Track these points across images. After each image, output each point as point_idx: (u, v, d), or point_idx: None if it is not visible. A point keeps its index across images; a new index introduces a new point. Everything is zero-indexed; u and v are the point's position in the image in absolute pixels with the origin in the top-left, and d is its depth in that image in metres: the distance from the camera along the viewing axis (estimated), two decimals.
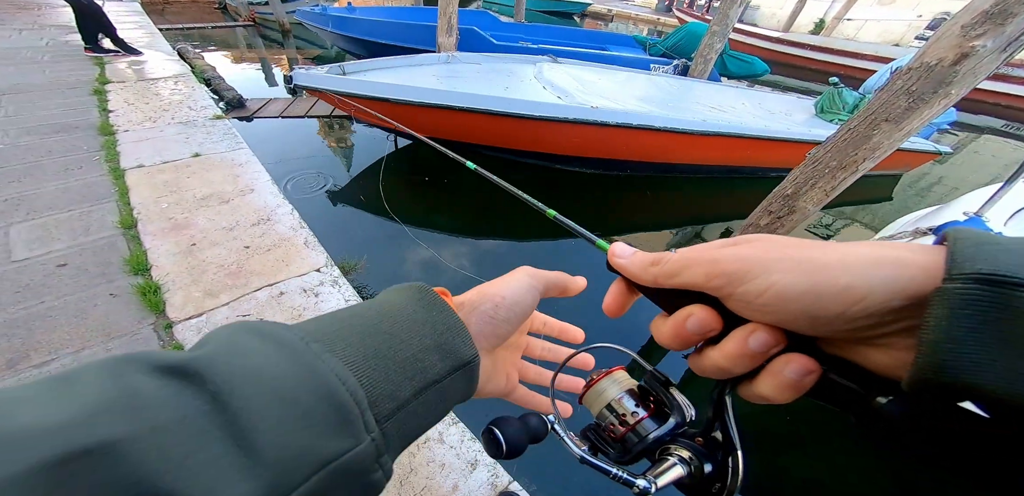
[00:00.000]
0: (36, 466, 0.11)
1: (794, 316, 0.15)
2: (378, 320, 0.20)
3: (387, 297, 0.23)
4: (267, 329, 0.18)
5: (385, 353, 0.19)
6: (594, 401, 0.25)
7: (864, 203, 3.69)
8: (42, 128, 2.46)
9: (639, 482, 0.20)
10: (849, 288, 0.14)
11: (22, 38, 4.28)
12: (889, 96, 1.40)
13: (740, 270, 0.16)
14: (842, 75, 4.15)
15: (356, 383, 0.17)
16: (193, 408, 0.14)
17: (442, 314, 0.22)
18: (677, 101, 3.48)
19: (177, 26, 7.25)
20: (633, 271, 0.21)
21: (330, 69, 2.93)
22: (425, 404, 0.20)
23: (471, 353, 0.22)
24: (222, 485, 0.13)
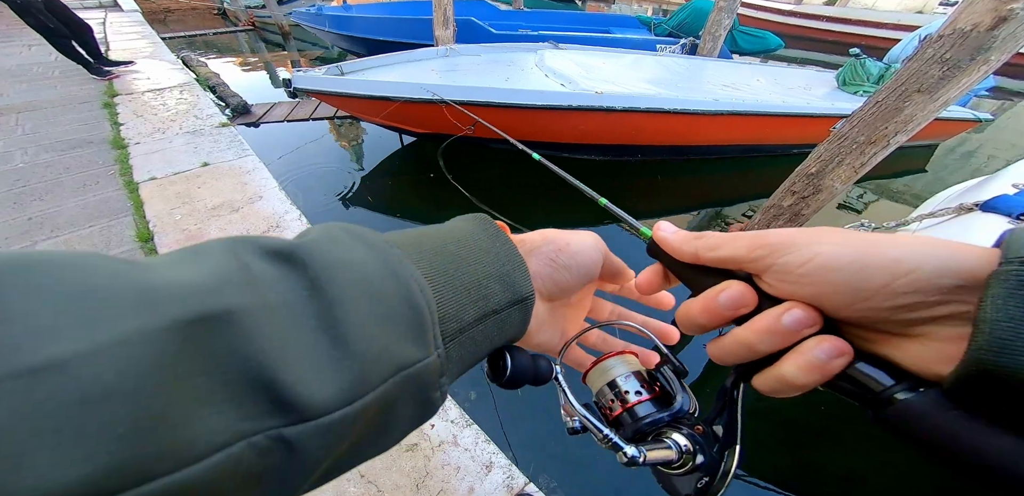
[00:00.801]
0: (174, 323, 0.11)
1: (835, 288, 0.15)
2: (446, 242, 0.20)
3: (453, 224, 0.23)
4: (357, 229, 0.18)
5: (453, 273, 0.19)
6: (597, 378, 0.25)
7: (897, 176, 3.48)
8: (59, 145, 2.53)
9: (628, 449, 0.20)
10: (899, 260, 0.14)
11: (32, 54, 4.39)
12: (920, 65, 1.30)
13: (785, 242, 0.16)
14: (863, 46, 3.88)
15: (431, 294, 0.17)
16: (295, 292, 0.14)
17: (504, 246, 0.22)
18: (687, 82, 3.32)
19: (180, 34, 7.32)
20: (675, 244, 0.21)
21: (328, 70, 2.91)
22: (483, 332, 0.19)
23: (529, 289, 0.21)
24: (313, 372, 0.13)
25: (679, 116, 2.71)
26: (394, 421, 0.16)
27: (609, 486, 1.37)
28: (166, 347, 0.10)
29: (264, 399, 0.12)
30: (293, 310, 0.14)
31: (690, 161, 3.39)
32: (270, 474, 0.12)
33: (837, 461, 1.48)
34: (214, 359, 0.11)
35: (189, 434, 0.10)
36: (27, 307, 0.09)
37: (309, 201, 2.73)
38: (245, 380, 0.12)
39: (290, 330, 0.13)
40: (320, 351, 0.13)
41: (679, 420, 0.21)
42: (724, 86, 3.27)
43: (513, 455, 1.20)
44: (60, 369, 0.09)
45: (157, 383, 0.10)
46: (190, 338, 0.11)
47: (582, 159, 3.21)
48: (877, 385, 0.15)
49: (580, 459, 1.44)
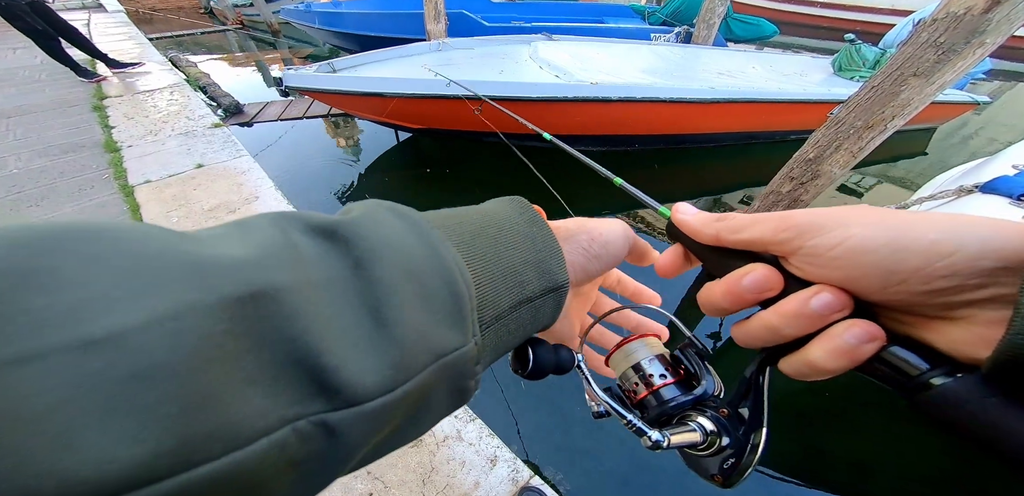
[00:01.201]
0: (224, 298, 0.10)
1: (867, 271, 0.14)
2: (485, 224, 0.19)
3: (491, 205, 0.22)
4: (400, 208, 0.18)
5: (491, 258, 0.18)
6: (620, 361, 0.24)
7: (897, 160, 3.48)
8: (52, 150, 2.50)
9: (652, 433, 0.19)
10: (936, 242, 0.13)
11: (17, 58, 4.32)
12: (915, 50, 1.30)
13: (814, 223, 0.15)
14: (858, 31, 3.86)
15: (471, 279, 0.16)
16: (338, 270, 0.14)
17: (542, 232, 0.21)
18: (682, 70, 3.30)
19: (167, 34, 7.21)
20: (695, 226, 0.20)
21: (319, 67, 2.87)
22: (518, 320, 0.19)
23: (564, 277, 0.20)
24: (355, 356, 0.12)
25: (675, 105, 2.70)
26: (430, 409, 0.16)
27: (616, 477, 1.38)
28: (216, 323, 0.10)
29: (309, 382, 0.11)
30: (337, 289, 0.13)
31: (687, 150, 3.38)
32: (311, 460, 0.12)
33: (846, 448, 1.48)
34: (262, 337, 0.11)
35: (237, 416, 0.10)
36: (83, 275, 0.09)
37: (306, 200, 2.72)
38: (290, 361, 0.11)
39: (334, 309, 0.13)
40: (363, 333, 0.13)
41: (704, 403, 0.21)
42: (719, 74, 3.25)
43: (524, 448, 1.21)
44: (115, 342, 0.09)
45: (208, 359, 0.10)
46: (239, 314, 0.11)
47: (578, 150, 3.20)
48: (913, 369, 0.14)
49: (586, 451, 1.44)
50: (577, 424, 1.51)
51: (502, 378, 1.67)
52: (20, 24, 2.97)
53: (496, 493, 1.02)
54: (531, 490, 1.03)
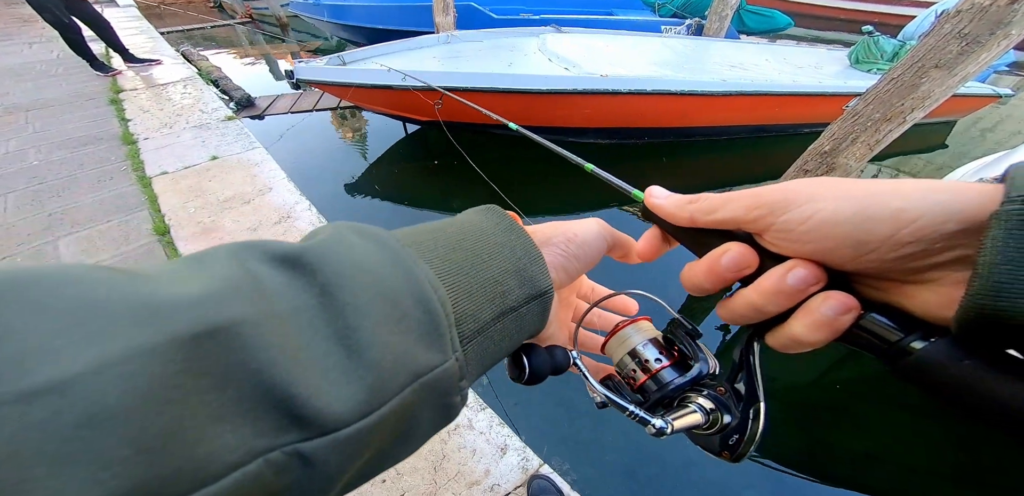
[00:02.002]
0: (176, 339, 0.10)
1: (838, 243, 0.14)
2: (461, 237, 0.19)
3: (466, 217, 0.22)
4: (367, 228, 0.17)
5: (469, 271, 0.18)
6: (616, 349, 0.25)
7: (915, 153, 3.42)
8: (71, 142, 2.56)
9: (655, 421, 0.20)
10: (901, 210, 0.13)
11: (33, 52, 4.39)
12: (937, 41, 1.28)
13: (784, 199, 0.16)
14: (876, 23, 3.76)
15: (446, 295, 0.16)
16: (304, 300, 0.13)
17: (520, 239, 0.21)
18: (693, 63, 3.25)
19: (178, 28, 7.25)
20: (669, 210, 0.20)
21: (329, 60, 2.88)
22: (502, 330, 0.19)
23: (547, 283, 0.20)
24: (326, 384, 0.12)
25: (686, 97, 2.67)
26: (414, 428, 0.16)
27: (621, 466, 1.39)
28: (170, 363, 0.10)
29: (279, 414, 0.11)
30: (303, 318, 0.13)
31: (697, 142, 3.34)
32: (289, 491, 0.12)
33: (852, 442, 1.48)
34: (224, 373, 0.11)
35: (203, 453, 0.10)
36: (25, 325, 0.09)
37: (317, 191, 2.75)
38: (258, 394, 0.11)
39: (301, 340, 0.13)
40: (334, 361, 0.13)
41: (701, 383, 0.22)
42: (731, 66, 3.19)
43: (530, 438, 1.22)
44: (61, 390, 0.09)
45: (164, 401, 0.10)
46: (196, 353, 0.11)
47: (586, 143, 3.18)
48: (891, 336, 0.15)
49: (592, 441, 1.45)
50: (583, 415, 1.53)
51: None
52: (48, 16, 3.01)
53: (506, 481, 1.03)
54: (541, 478, 1.04)
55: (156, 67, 3.86)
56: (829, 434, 1.52)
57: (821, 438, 1.51)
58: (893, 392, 1.58)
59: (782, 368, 1.72)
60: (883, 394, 1.60)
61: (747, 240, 0.18)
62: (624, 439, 1.45)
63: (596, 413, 1.54)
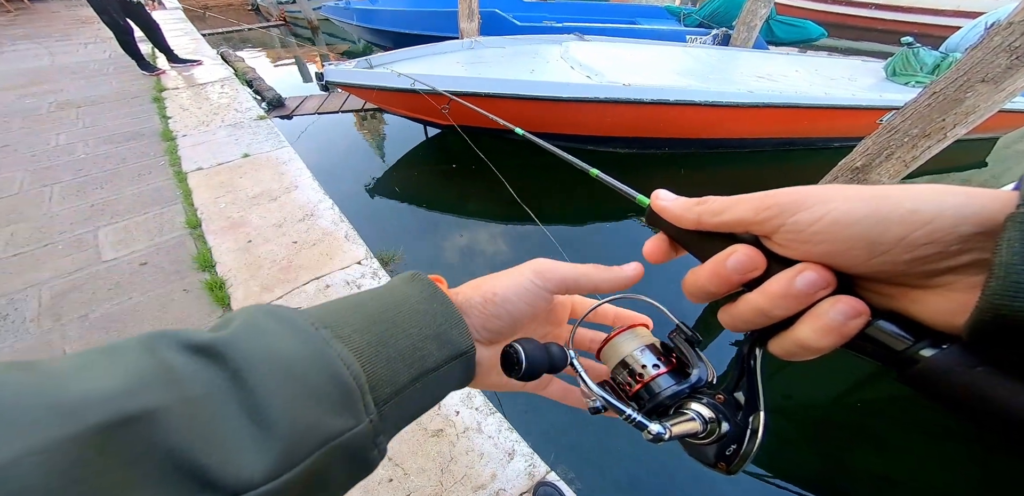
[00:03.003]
0: (88, 429, 0.12)
1: (849, 244, 0.14)
2: (382, 309, 0.21)
3: (393, 287, 0.24)
4: (282, 313, 0.19)
5: (387, 341, 0.20)
6: (611, 355, 0.24)
7: (951, 171, 3.28)
8: (115, 137, 2.72)
9: (652, 426, 0.19)
10: (915, 211, 0.13)
11: (87, 52, 4.70)
12: (985, 54, 1.23)
13: (794, 201, 0.15)
14: (916, 34, 3.61)
15: (359, 368, 0.18)
16: (216, 384, 0.15)
17: (442, 306, 0.22)
18: (719, 73, 3.20)
19: (218, 30, 7.64)
20: (676, 211, 0.20)
21: (357, 63, 2.98)
22: (421, 390, 0.21)
23: (467, 343, 0.22)
24: (238, 456, 0.14)
25: (711, 108, 2.63)
26: (329, 483, 0.17)
27: (628, 478, 1.38)
28: (87, 448, 0.11)
29: (192, 481, 0.13)
30: (215, 400, 0.15)
31: (719, 154, 3.28)
32: None
33: (869, 462, 1.43)
34: (139, 453, 0.12)
35: None
36: None
37: (339, 191, 2.83)
38: (170, 467, 0.13)
39: (214, 419, 0.14)
40: (245, 434, 0.14)
41: (699, 391, 0.21)
42: (759, 77, 3.13)
43: (537, 445, 1.22)
44: None
45: (82, 479, 0.11)
46: (111, 438, 0.12)
47: (606, 151, 3.17)
48: (899, 343, 0.14)
49: (599, 451, 1.44)
50: (591, 423, 1.52)
51: None
52: (106, 18, 3.26)
53: (512, 486, 1.04)
54: (547, 485, 1.04)
55: (197, 67, 4.07)
56: (846, 454, 1.47)
57: (837, 458, 1.46)
58: (916, 413, 1.53)
59: (800, 385, 1.69)
60: (905, 415, 1.54)
61: (753, 243, 0.17)
62: (632, 450, 1.44)
63: (604, 422, 1.52)
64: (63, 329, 1.41)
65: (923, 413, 1.53)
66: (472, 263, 2.39)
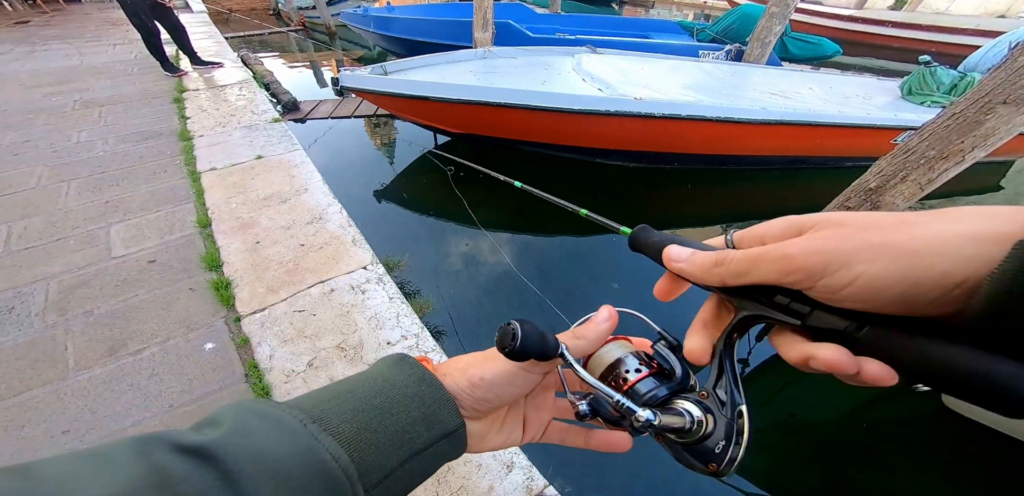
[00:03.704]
0: None
1: (886, 303, 0.15)
2: (371, 396, 0.22)
3: (381, 371, 0.25)
4: (269, 411, 0.20)
5: (376, 427, 0.21)
6: (597, 365, 0.25)
7: (966, 194, 3.24)
8: (134, 136, 2.79)
9: (643, 412, 0.20)
10: (947, 274, 0.13)
11: (115, 52, 4.87)
12: (1008, 75, 1.21)
13: (818, 264, 0.16)
14: (934, 53, 3.60)
15: (348, 459, 0.19)
16: (208, 483, 0.16)
17: (431, 388, 0.24)
18: (731, 89, 3.21)
19: (240, 34, 7.88)
20: (696, 274, 0.20)
21: (372, 70, 3.03)
22: (411, 471, 0.22)
23: (456, 422, 0.24)
24: None
25: (722, 124, 2.63)
26: None
27: (623, 489, 1.35)
28: None
29: None
30: None
31: (729, 170, 3.27)
32: None
33: (873, 483, 1.40)
34: None
35: None
36: None
37: (348, 195, 2.86)
38: None
39: None
40: None
41: (682, 391, 0.22)
42: (771, 94, 3.13)
43: (534, 457, 1.20)
44: None
45: None
46: None
47: (613, 164, 3.18)
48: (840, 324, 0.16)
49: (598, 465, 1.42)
50: None
51: None
52: (135, 20, 3.39)
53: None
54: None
55: (218, 70, 4.18)
56: (850, 474, 1.44)
57: (840, 477, 1.43)
58: (926, 436, 1.51)
59: (805, 403, 1.67)
60: (915, 437, 1.52)
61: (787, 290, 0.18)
62: (630, 465, 1.42)
63: None
64: (67, 324, 1.42)
65: (933, 436, 1.51)
66: (476, 273, 2.38)
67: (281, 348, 1.36)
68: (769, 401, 1.69)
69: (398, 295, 1.61)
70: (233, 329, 1.43)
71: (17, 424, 1.12)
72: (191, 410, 1.18)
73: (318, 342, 1.38)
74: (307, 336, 1.40)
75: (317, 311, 1.50)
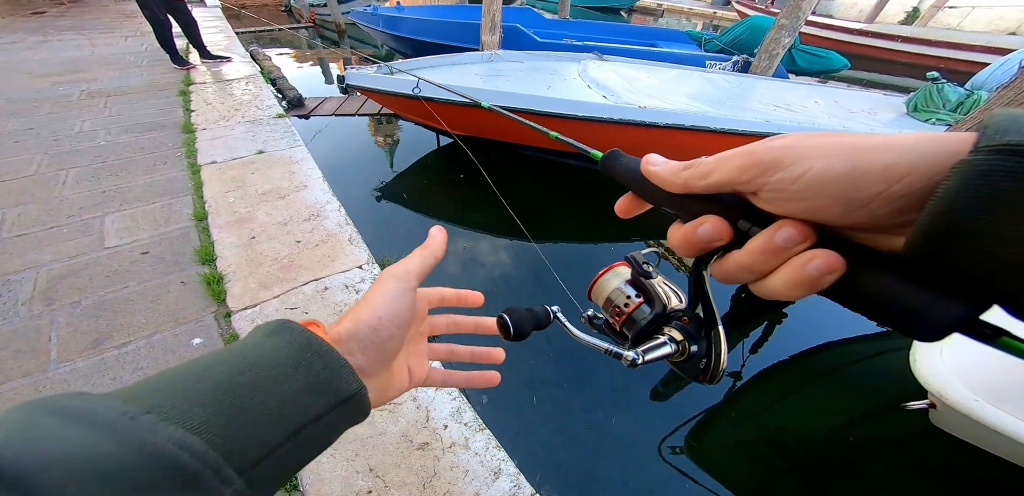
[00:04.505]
0: None
1: (829, 200, 0.15)
2: (237, 372, 0.20)
3: (253, 343, 0.22)
4: (77, 407, 0.16)
5: (244, 405, 0.19)
6: (600, 293, 0.28)
7: None
8: (137, 127, 2.79)
9: (627, 354, 0.23)
10: (892, 165, 0.13)
11: (127, 44, 4.89)
12: (1016, 94, 1.21)
13: (776, 158, 0.16)
14: (943, 69, 3.61)
15: (203, 445, 0.17)
16: None
17: (319, 354, 0.22)
18: (736, 100, 3.21)
19: (251, 29, 7.94)
20: (664, 176, 0.21)
21: (379, 69, 3.04)
22: (304, 441, 0.20)
23: (354, 387, 0.22)
24: None
25: (726, 136, 2.62)
26: None
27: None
28: None
29: None
30: None
31: None
32: None
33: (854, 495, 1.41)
34: None
35: None
36: None
37: (348, 193, 2.85)
38: None
39: None
40: None
41: (668, 316, 0.25)
42: (776, 107, 3.13)
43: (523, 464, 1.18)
44: None
45: None
46: None
47: None
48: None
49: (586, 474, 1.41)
50: (579, 445, 1.48)
51: (515, 392, 1.65)
52: (148, 13, 3.42)
53: None
54: None
55: (226, 64, 4.20)
56: (836, 489, 1.45)
57: (826, 492, 1.44)
58: (916, 455, 1.51)
59: (794, 418, 1.68)
60: (900, 455, 1.52)
61: (735, 203, 0.18)
62: (621, 475, 1.42)
63: (593, 443, 1.49)
64: (53, 314, 1.40)
65: (921, 455, 1.51)
66: (473, 275, 2.36)
67: None
68: (758, 415, 1.68)
69: None
70: (223, 325, 1.41)
71: None
72: None
73: None
74: None
75: (310, 309, 1.48)
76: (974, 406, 1.21)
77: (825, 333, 2.05)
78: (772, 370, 1.87)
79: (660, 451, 1.50)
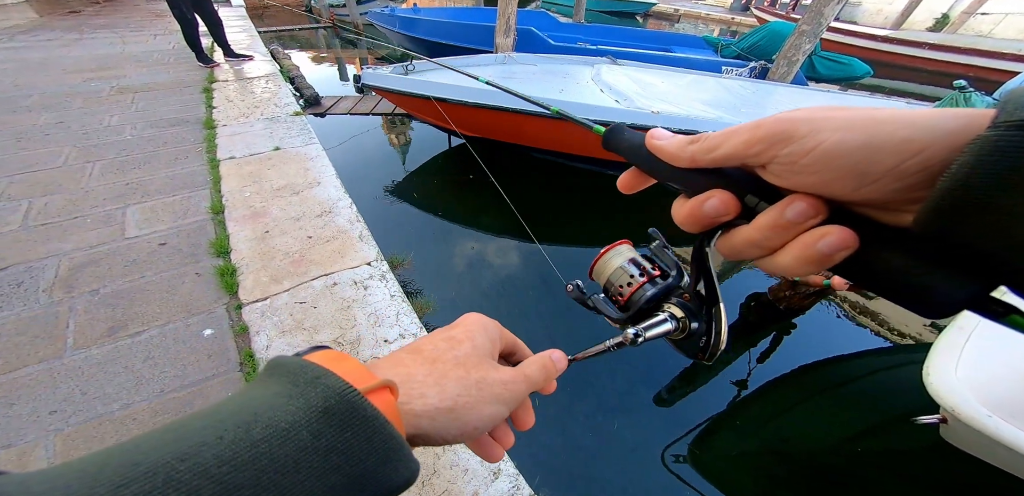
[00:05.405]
0: None
1: (841, 175, 0.14)
2: (228, 458, 0.13)
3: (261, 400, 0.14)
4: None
5: None
6: (602, 272, 0.28)
7: None
8: (161, 122, 2.88)
9: (629, 330, 0.23)
10: (908, 140, 0.13)
11: (155, 42, 5.07)
12: None
13: (785, 131, 0.15)
14: (971, 77, 3.50)
15: None
16: None
17: (363, 432, 0.14)
18: (752, 106, 3.17)
19: (272, 28, 8.15)
20: (671, 151, 0.20)
21: (394, 69, 3.09)
22: None
23: (407, 474, 0.16)
24: None
25: None
26: None
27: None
28: None
29: None
30: None
31: None
32: None
33: None
34: None
35: None
36: None
37: (360, 191, 2.90)
38: None
39: None
40: None
41: (671, 292, 0.25)
42: None
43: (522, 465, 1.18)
44: None
45: None
46: None
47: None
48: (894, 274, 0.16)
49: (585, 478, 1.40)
50: (580, 448, 1.48)
51: None
52: (176, 12, 3.54)
53: None
54: None
55: (248, 62, 4.32)
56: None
57: None
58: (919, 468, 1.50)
59: (800, 429, 1.66)
60: (907, 468, 1.51)
61: (741, 178, 0.18)
62: (620, 478, 1.41)
63: (594, 447, 1.48)
64: (72, 302, 1.45)
65: (928, 469, 1.49)
66: (479, 276, 2.37)
67: (279, 339, 1.36)
68: (764, 425, 1.65)
69: (399, 293, 1.61)
70: (233, 316, 1.44)
71: (7, 402, 1.14)
72: (182, 396, 1.19)
73: (316, 335, 1.38)
74: (305, 328, 1.41)
75: (318, 304, 1.51)
76: (987, 422, 1.18)
77: (834, 346, 2.00)
78: (779, 380, 1.83)
79: (663, 458, 1.48)
